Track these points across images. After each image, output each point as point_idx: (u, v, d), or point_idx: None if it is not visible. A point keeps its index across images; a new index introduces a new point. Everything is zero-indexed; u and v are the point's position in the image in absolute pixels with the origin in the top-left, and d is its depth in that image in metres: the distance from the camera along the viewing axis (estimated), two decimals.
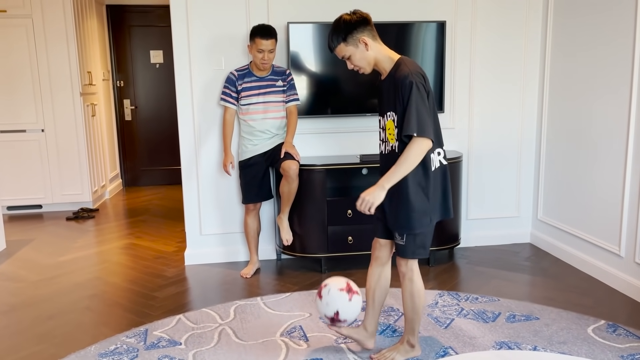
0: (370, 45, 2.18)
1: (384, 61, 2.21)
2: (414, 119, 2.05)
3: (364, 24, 2.18)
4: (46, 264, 3.83)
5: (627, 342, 2.52)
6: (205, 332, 2.69)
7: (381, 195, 2.09)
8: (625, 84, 3.05)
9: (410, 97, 2.07)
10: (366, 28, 2.18)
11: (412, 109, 2.06)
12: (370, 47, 2.18)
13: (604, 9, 3.21)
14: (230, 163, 3.42)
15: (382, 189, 2.09)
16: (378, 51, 2.20)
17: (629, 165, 3.04)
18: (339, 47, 2.20)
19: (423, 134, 2.06)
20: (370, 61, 2.21)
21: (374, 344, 2.47)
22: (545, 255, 3.81)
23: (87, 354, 2.49)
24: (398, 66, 2.17)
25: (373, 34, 2.20)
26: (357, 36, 2.17)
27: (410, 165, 2.08)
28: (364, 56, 2.19)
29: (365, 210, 2.10)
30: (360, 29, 2.17)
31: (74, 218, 5.12)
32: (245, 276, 3.50)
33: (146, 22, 6.54)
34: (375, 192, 2.09)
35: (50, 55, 5.17)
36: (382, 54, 2.21)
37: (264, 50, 3.23)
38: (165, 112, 6.72)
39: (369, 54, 2.19)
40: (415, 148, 2.07)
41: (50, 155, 5.32)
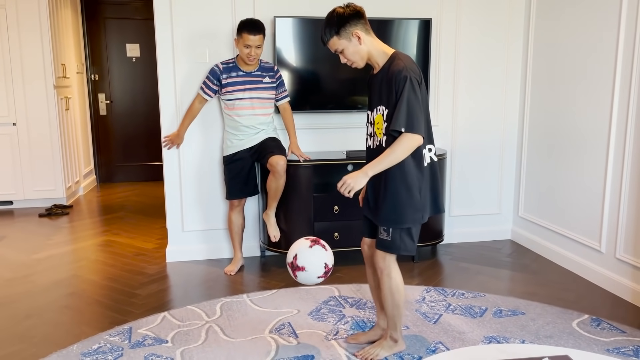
0: (364, 39, 2.15)
1: (377, 55, 2.19)
2: (404, 114, 2.04)
3: (357, 18, 2.15)
4: (20, 262, 3.70)
5: (612, 335, 2.57)
6: (192, 330, 2.63)
7: (363, 181, 2.09)
8: (607, 83, 3.11)
9: (403, 92, 2.05)
10: (359, 22, 2.15)
11: (402, 103, 2.04)
12: (364, 41, 2.15)
13: (587, 8, 3.26)
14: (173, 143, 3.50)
15: (364, 175, 2.09)
16: (371, 45, 2.17)
17: (610, 162, 3.10)
18: (331, 41, 2.17)
19: (412, 129, 2.04)
20: (363, 55, 2.18)
21: (403, 343, 2.42)
22: (526, 252, 3.87)
23: (69, 353, 2.41)
24: (392, 60, 2.14)
25: (366, 28, 2.17)
26: (350, 30, 2.13)
27: (396, 158, 2.07)
28: (357, 50, 2.16)
29: (345, 192, 2.10)
30: (354, 22, 2.14)
31: (47, 215, 4.96)
32: (230, 273, 3.45)
33: (122, 14, 6.39)
34: (358, 177, 2.09)
35: (23, 47, 4.99)
36: (376, 48, 2.18)
37: (251, 46, 3.18)
38: (141, 107, 6.59)
39: (361, 48, 2.16)
40: (404, 142, 2.05)
41: (22, 149, 5.14)
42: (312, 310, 2.87)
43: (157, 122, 6.57)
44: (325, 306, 2.92)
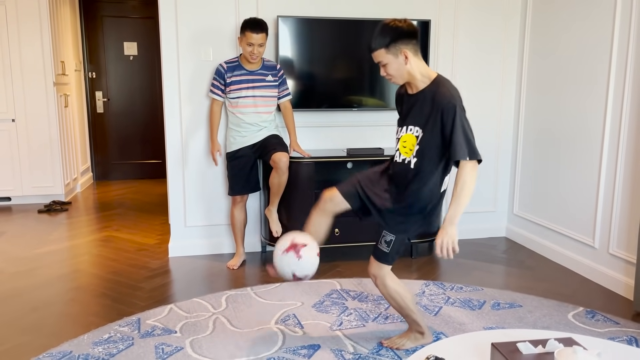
0: (410, 59, 2.11)
1: (420, 78, 2.15)
2: (464, 142, 2.02)
3: (410, 37, 2.11)
4: (22, 257, 3.73)
5: (606, 326, 2.67)
6: (199, 321, 2.69)
7: (455, 232, 2.03)
8: (602, 82, 3.21)
9: (455, 121, 2.03)
10: (411, 41, 2.11)
11: (459, 132, 2.02)
12: (410, 62, 2.11)
13: (582, 12, 3.37)
14: (218, 151, 3.44)
15: (452, 225, 2.03)
16: (416, 67, 2.14)
17: (604, 160, 3.21)
18: (378, 52, 2.13)
19: (474, 156, 2.04)
20: (403, 74, 2.15)
21: (430, 336, 2.45)
22: (521, 249, 3.97)
23: (80, 343, 2.45)
24: (437, 85, 2.12)
25: (415, 49, 2.13)
26: (400, 47, 2.09)
27: (471, 190, 2.06)
28: (400, 68, 2.13)
29: (450, 253, 2.03)
30: (406, 40, 2.10)
31: (46, 211, 4.98)
32: (232, 267, 3.50)
33: (120, 12, 6.43)
34: (448, 231, 2.02)
35: (22, 43, 5.01)
36: (420, 71, 2.15)
37: (254, 44, 3.24)
38: (138, 105, 6.62)
39: (406, 67, 2.13)
40: (469, 172, 2.04)
41: (21, 146, 5.15)
42: (315, 302, 2.93)
43: (153, 121, 6.65)
44: (328, 299, 2.98)
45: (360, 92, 3.79)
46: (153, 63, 6.55)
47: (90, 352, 2.37)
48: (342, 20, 3.63)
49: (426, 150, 2.14)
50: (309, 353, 2.38)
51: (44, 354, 2.36)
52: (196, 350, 2.40)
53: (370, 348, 2.42)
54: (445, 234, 2.02)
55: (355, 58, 3.71)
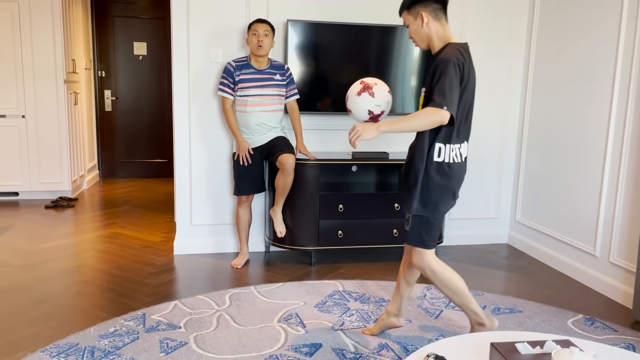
0: (429, 22, 2.15)
1: (436, 42, 2.19)
2: (441, 87, 2.02)
3: (430, 0, 2.15)
4: (30, 250, 3.78)
5: (605, 333, 2.70)
6: (203, 317, 2.73)
7: (372, 133, 2.06)
8: (605, 92, 3.25)
9: (445, 70, 2.04)
10: (431, 5, 2.15)
11: (443, 81, 2.03)
12: (427, 24, 2.16)
13: (587, 20, 3.42)
14: (243, 148, 3.44)
15: (376, 129, 2.07)
16: (435, 31, 2.17)
17: (607, 169, 3.24)
18: (403, 14, 2.23)
19: (442, 105, 2.00)
20: (422, 37, 2.20)
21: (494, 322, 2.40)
22: (522, 255, 4.00)
23: (87, 335, 2.50)
24: (446, 48, 2.14)
25: (436, 13, 2.16)
26: (418, 9, 2.16)
27: (414, 124, 2.04)
28: (418, 30, 2.19)
29: (353, 139, 2.08)
30: (426, 3, 2.15)
31: (53, 206, 5.04)
32: (236, 266, 3.55)
33: (130, 13, 6.50)
34: (369, 128, 2.07)
35: (34, 41, 5.08)
36: (438, 34, 2.18)
37: (259, 32, 3.31)
38: (145, 104, 6.69)
39: (423, 30, 2.17)
40: (428, 113, 2.01)
41: (30, 142, 5.22)
42: (317, 302, 2.97)
43: (160, 120, 6.72)
44: (330, 299, 3.02)
45: None
46: (162, 63, 6.62)
47: (96, 345, 2.42)
48: (350, 25, 3.69)
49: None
50: (311, 351, 2.42)
51: (51, 345, 2.40)
52: (200, 345, 2.44)
53: (371, 348, 2.46)
54: (363, 126, 2.08)
55: (362, 63, 3.76)
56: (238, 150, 3.46)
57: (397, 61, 3.78)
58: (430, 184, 2.19)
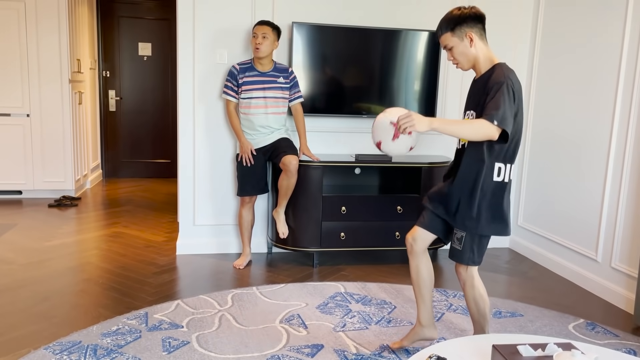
0: (476, 42, 2.16)
1: (483, 62, 2.19)
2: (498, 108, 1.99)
3: (475, 20, 2.16)
4: (33, 248, 3.80)
5: (606, 338, 2.71)
6: (205, 317, 2.75)
7: (424, 126, 1.99)
8: (609, 96, 3.26)
9: (499, 90, 2.02)
10: (477, 25, 2.16)
11: (499, 100, 2.00)
12: (475, 45, 2.16)
13: (592, 20, 3.43)
14: (250, 149, 3.45)
15: (429, 123, 2.00)
16: (481, 51, 2.18)
17: (609, 175, 3.25)
18: (444, 36, 2.19)
19: (499, 121, 1.98)
20: (470, 58, 2.19)
21: (437, 333, 2.43)
22: (524, 260, 4.01)
23: (89, 333, 2.51)
24: (494, 70, 2.14)
25: (481, 33, 2.18)
26: (465, 30, 2.15)
27: (465, 131, 2.03)
28: (465, 51, 2.17)
29: (404, 125, 2.00)
30: (471, 24, 2.15)
31: (56, 205, 5.06)
32: (238, 267, 3.56)
33: (135, 14, 6.54)
34: (423, 120, 2.00)
35: (40, 40, 5.11)
36: (484, 55, 2.18)
37: (257, 34, 3.34)
38: (149, 104, 6.71)
39: (470, 51, 2.17)
40: (483, 124, 1.99)
41: (34, 140, 5.24)
42: (319, 304, 2.98)
43: (164, 121, 6.75)
44: (332, 301, 3.03)
45: (369, 99, 3.85)
46: (166, 64, 6.65)
47: (99, 343, 2.43)
48: (355, 29, 3.70)
49: None
50: (313, 352, 2.42)
51: (54, 343, 2.42)
52: (202, 345, 2.45)
53: (373, 349, 2.47)
54: (418, 117, 1.99)
55: (366, 66, 3.78)
56: (241, 152, 3.48)
57: (401, 65, 3.80)
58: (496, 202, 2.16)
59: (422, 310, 2.40)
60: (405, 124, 1.99)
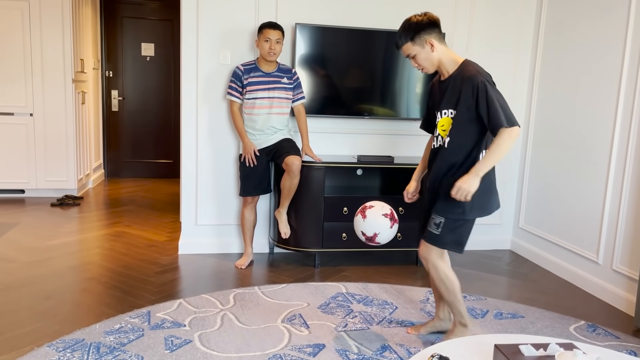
0: (436, 47, 2.28)
1: (447, 63, 2.31)
2: (500, 112, 2.15)
3: (432, 26, 2.28)
4: (36, 247, 3.81)
5: (607, 340, 2.71)
6: (207, 316, 2.76)
7: (476, 183, 2.16)
8: (611, 98, 3.27)
9: (487, 94, 2.17)
10: (434, 30, 2.28)
11: (495, 104, 2.15)
12: (436, 49, 2.28)
13: (595, 22, 3.44)
14: (253, 150, 3.47)
15: (476, 177, 2.16)
16: (443, 53, 2.30)
17: (611, 177, 3.26)
18: (405, 46, 2.30)
19: (512, 124, 2.14)
20: (434, 62, 2.31)
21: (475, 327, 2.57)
22: (525, 262, 4.01)
23: (92, 331, 2.52)
24: (464, 67, 2.27)
25: (440, 37, 2.30)
26: (424, 37, 2.27)
27: (501, 153, 2.16)
28: (429, 57, 2.29)
29: (462, 198, 2.16)
30: (429, 30, 2.27)
31: (59, 204, 5.08)
32: (240, 267, 3.57)
33: (139, 14, 6.56)
34: (470, 179, 2.16)
35: (44, 40, 5.13)
36: (447, 56, 2.31)
37: (271, 39, 3.35)
38: (152, 105, 6.73)
39: (433, 55, 2.29)
40: (506, 137, 2.14)
41: (37, 140, 5.26)
42: (321, 304, 2.99)
43: (166, 121, 6.77)
44: (333, 301, 3.04)
45: (371, 101, 3.86)
46: (169, 64, 6.67)
47: (102, 341, 2.44)
48: (357, 30, 3.72)
49: (459, 127, 2.26)
50: (314, 352, 2.43)
51: (58, 340, 2.43)
52: (204, 343, 2.46)
53: (374, 349, 2.48)
54: (465, 182, 2.16)
55: (368, 68, 3.79)
56: (244, 152, 3.49)
57: (404, 66, 3.81)
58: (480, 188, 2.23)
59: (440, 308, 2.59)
60: (461, 195, 2.16)
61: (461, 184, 2.16)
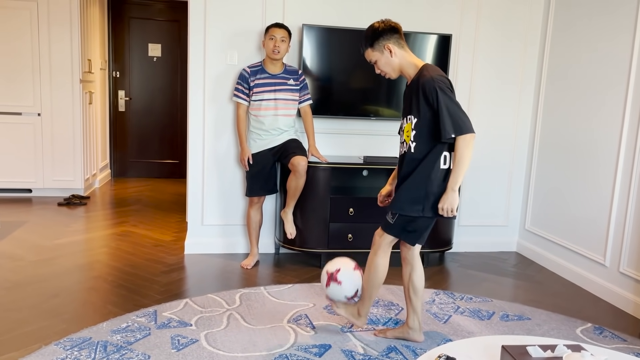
0: (395, 52, 2.33)
1: (408, 67, 2.36)
2: (448, 120, 2.17)
3: (391, 32, 2.34)
4: (43, 245, 3.83)
5: (614, 343, 2.70)
6: (213, 316, 2.76)
7: (455, 197, 2.23)
8: (619, 101, 3.26)
9: (438, 100, 2.19)
10: (393, 36, 2.34)
11: (442, 111, 2.18)
12: (395, 54, 2.33)
13: (602, 25, 3.43)
14: (248, 158, 3.50)
15: (453, 192, 2.23)
16: (403, 58, 2.35)
17: (618, 178, 3.25)
18: (366, 52, 2.39)
19: (461, 132, 2.17)
20: (394, 67, 2.36)
21: (363, 324, 2.60)
22: (531, 264, 4.00)
23: (99, 330, 2.54)
24: (421, 72, 2.30)
25: (400, 42, 2.35)
26: (383, 43, 2.33)
27: (465, 162, 2.20)
28: (389, 62, 2.35)
29: (449, 214, 2.25)
30: (387, 36, 2.34)
31: (66, 204, 5.10)
32: (246, 267, 3.58)
33: (146, 15, 6.58)
34: (448, 197, 2.23)
35: (52, 40, 5.16)
36: (407, 61, 2.35)
37: (276, 37, 3.36)
38: (158, 105, 6.76)
39: (393, 60, 2.34)
40: (461, 145, 2.19)
41: (45, 140, 5.29)
42: (327, 304, 2.99)
43: (172, 122, 6.79)
44: None
45: (377, 102, 3.87)
46: (175, 65, 6.69)
47: (109, 340, 2.45)
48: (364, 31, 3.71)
49: (421, 132, 2.29)
50: (320, 352, 2.44)
51: (65, 339, 2.44)
52: (210, 343, 2.47)
53: (380, 350, 2.48)
54: (447, 199, 2.24)
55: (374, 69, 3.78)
56: (240, 157, 3.54)
57: None
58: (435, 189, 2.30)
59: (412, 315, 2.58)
60: (447, 213, 2.24)
61: (442, 205, 2.24)
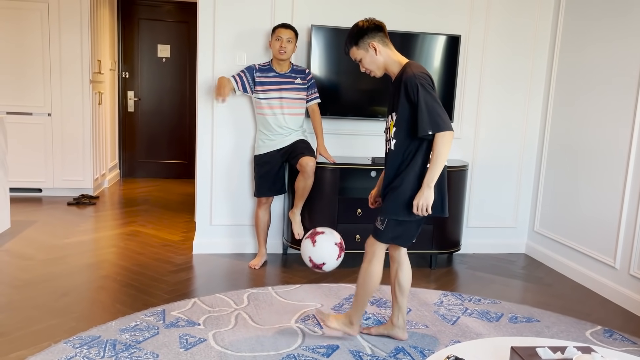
0: (380, 50, 2.34)
1: (392, 65, 2.37)
2: (426, 117, 2.18)
3: (375, 31, 2.35)
4: (53, 245, 3.86)
5: (623, 346, 2.68)
6: (221, 315, 2.77)
7: (430, 194, 2.22)
8: (629, 102, 3.24)
9: (418, 97, 2.19)
10: (377, 34, 2.34)
11: (421, 107, 2.19)
12: (380, 52, 2.34)
13: (611, 26, 3.41)
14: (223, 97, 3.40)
15: (428, 188, 2.22)
16: (387, 56, 2.36)
17: (629, 180, 3.22)
18: (351, 51, 2.39)
19: (438, 129, 2.18)
20: (379, 65, 2.38)
21: (356, 331, 2.56)
22: (540, 266, 3.98)
23: (108, 329, 2.55)
24: (404, 69, 2.32)
25: (384, 41, 2.36)
26: (367, 41, 2.34)
27: (442, 159, 2.20)
28: (373, 60, 2.36)
29: (424, 212, 2.24)
30: (371, 35, 2.34)
31: (75, 203, 5.14)
32: (254, 267, 3.58)
33: (155, 16, 6.62)
34: (424, 194, 2.22)
35: (62, 41, 5.20)
36: (391, 59, 2.36)
37: (282, 38, 3.37)
38: (167, 106, 6.79)
39: (377, 59, 2.35)
40: (439, 142, 2.19)
41: (55, 140, 5.33)
42: (334, 305, 2.99)
43: (181, 122, 6.82)
44: (347, 302, 3.04)
45: (385, 103, 3.85)
46: (184, 66, 6.72)
47: (117, 338, 2.46)
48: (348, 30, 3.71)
49: (401, 129, 2.30)
50: (328, 352, 2.43)
51: (74, 337, 2.45)
52: (219, 342, 2.47)
53: (388, 351, 2.47)
54: (421, 196, 2.23)
55: None
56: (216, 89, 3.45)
57: None
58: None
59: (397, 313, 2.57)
60: (422, 210, 2.23)
61: (417, 201, 2.23)
